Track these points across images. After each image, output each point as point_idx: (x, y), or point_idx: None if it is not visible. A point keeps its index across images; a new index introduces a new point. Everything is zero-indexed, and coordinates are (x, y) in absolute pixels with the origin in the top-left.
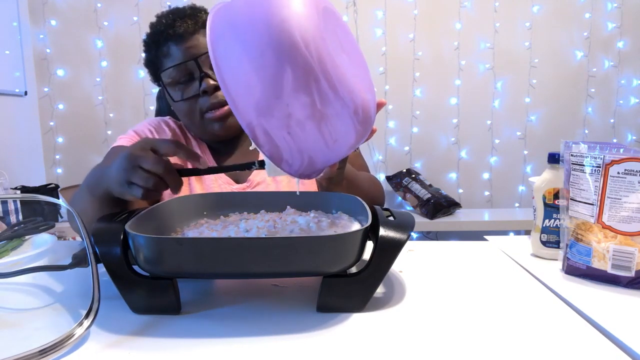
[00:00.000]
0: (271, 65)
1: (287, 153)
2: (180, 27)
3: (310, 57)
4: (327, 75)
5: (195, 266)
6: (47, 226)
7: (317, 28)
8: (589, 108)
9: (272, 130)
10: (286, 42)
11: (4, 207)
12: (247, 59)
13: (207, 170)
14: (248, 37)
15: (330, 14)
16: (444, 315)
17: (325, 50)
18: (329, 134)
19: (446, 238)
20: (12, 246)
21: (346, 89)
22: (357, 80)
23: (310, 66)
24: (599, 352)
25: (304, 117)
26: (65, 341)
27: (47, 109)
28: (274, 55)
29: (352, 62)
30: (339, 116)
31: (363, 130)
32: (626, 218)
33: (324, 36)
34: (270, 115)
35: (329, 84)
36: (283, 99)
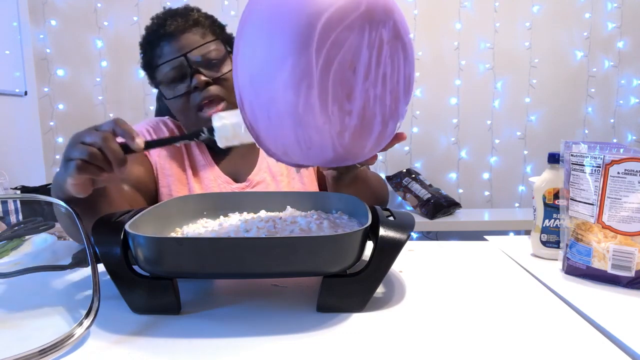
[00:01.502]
0: (280, 47)
1: (264, 134)
2: (171, 25)
3: (315, 62)
4: (323, 88)
5: (195, 266)
6: (47, 226)
7: (346, 34)
8: (589, 108)
9: (256, 105)
10: (303, 35)
11: (4, 207)
12: (267, 25)
13: (151, 143)
14: (279, 9)
15: (386, 30)
16: (444, 315)
17: (338, 62)
18: (303, 139)
19: (446, 238)
20: (12, 246)
21: (339, 108)
22: (369, 106)
23: (310, 71)
24: (599, 352)
25: (284, 112)
26: (65, 341)
27: (47, 109)
28: (288, 40)
29: (382, 86)
30: (319, 130)
31: (346, 154)
32: (626, 218)
33: (349, 46)
34: (259, 91)
35: (320, 96)
36: (274, 84)
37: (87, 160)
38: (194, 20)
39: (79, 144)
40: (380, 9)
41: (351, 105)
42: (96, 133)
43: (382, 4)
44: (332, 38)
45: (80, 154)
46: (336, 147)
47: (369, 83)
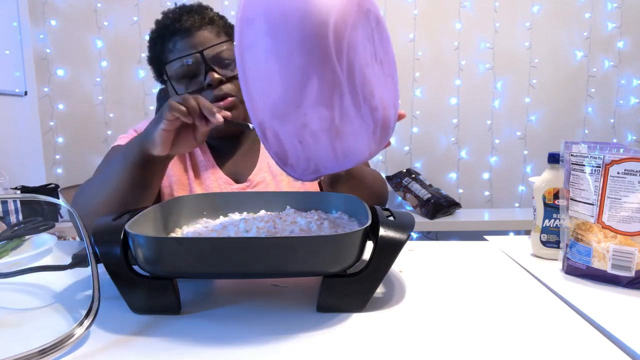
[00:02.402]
0: (298, 70)
1: (294, 158)
2: (187, 21)
3: (341, 69)
4: (353, 92)
5: (195, 266)
6: (47, 226)
7: (354, 33)
8: (589, 108)
9: (284, 135)
10: (319, 47)
11: (4, 207)
12: (274, 54)
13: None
14: (280, 31)
15: (372, 17)
16: (444, 315)
17: (357, 62)
18: (341, 149)
19: (446, 238)
20: (12, 246)
21: (370, 107)
22: (384, 94)
23: (338, 80)
24: (599, 352)
25: (320, 130)
26: (65, 341)
27: (47, 109)
28: (303, 59)
29: (383, 72)
30: (356, 134)
31: (377, 148)
32: (626, 218)
33: (359, 44)
34: (285, 120)
35: (353, 101)
36: (302, 109)
37: (179, 117)
38: (209, 19)
39: (176, 102)
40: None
41: (375, 100)
42: (191, 96)
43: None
44: (346, 40)
45: (175, 111)
46: (370, 145)
47: (377, 73)
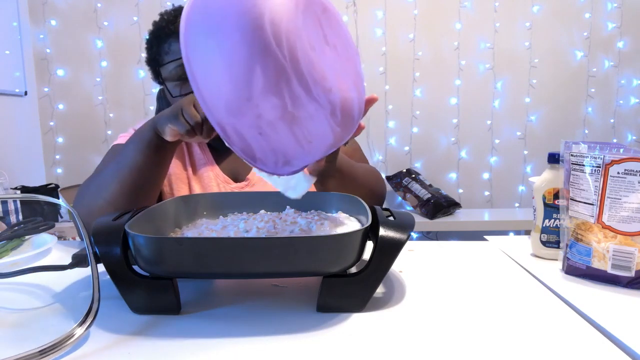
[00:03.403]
0: (241, 64)
1: (260, 152)
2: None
3: (282, 56)
4: (299, 76)
5: (195, 266)
6: (47, 226)
7: (293, 21)
8: (589, 108)
9: (243, 129)
10: (257, 39)
11: (4, 207)
12: (217, 52)
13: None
14: (220, 30)
15: (316, 6)
16: (444, 315)
17: (300, 47)
18: (303, 135)
19: (446, 238)
20: (12, 246)
21: (322, 88)
22: (341, 77)
23: (281, 66)
24: (599, 352)
25: (275, 118)
26: (65, 341)
27: (47, 109)
28: (244, 52)
29: (338, 55)
30: (313, 118)
31: (342, 131)
32: (626, 218)
33: (301, 30)
34: (240, 115)
35: (301, 85)
36: (253, 100)
37: (192, 126)
38: None
39: (193, 107)
40: None
41: (329, 83)
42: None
43: None
44: (283, 29)
45: (191, 119)
46: (333, 127)
47: (330, 56)
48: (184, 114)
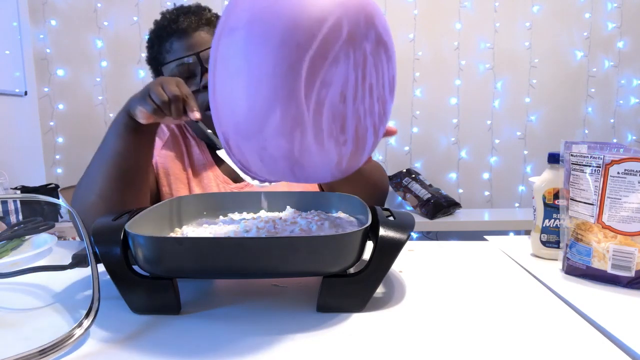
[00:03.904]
0: (264, 99)
1: (256, 170)
2: (184, 22)
3: (307, 108)
4: (317, 130)
5: (195, 266)
6: (47, 226)
7: (333, 72)
8: (589, 108)
9: (246, 149)
10: (288, 81)
11: (4, 207)
12: (244, 76)
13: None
14: (255, 54)
15: (371, 37)
16: (444, 315)
17: (329, 101)
18: (301, 175)
19: (446, 238)
20: (12, 246)
21: (336, 142)
22: (364, 122)
23: (301, 117)
24: (599, 352)
25: (279, 156)
26: (65, 341)
27: (47, 109)
28: (270, 90)
29: (371, 96)
30: (316, 166)
31: (341, 176)
32: (626, 218)
33: (338, 78)
34: (246, 139)
35: (316, 139)
36: (263, 134)
37: (158, 105)
38: (206, 19)
39: (159, 86)
40: (362, 23)
41: (346, 135)
42: (174, 88)
43: (363, 16)
44: (319, 79)
45: (156, 98)
46: (334, 174)
47: (358, 103)
48: (150, 94)
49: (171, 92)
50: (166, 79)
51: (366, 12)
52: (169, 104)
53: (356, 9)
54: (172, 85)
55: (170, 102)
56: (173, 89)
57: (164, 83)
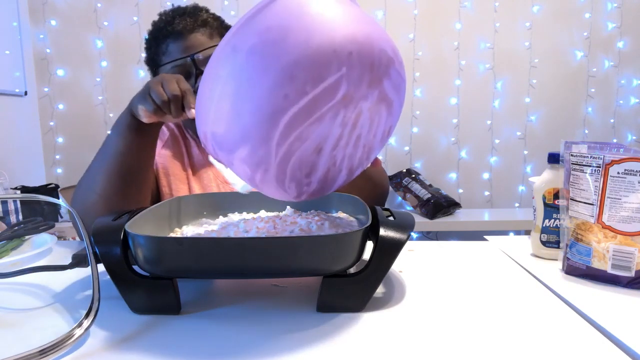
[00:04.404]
0: (241, 127)
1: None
2: (179, 24)
3: (275, 153)
4: (280, 173)
5: (195, 266)
6: (47, 226)
7: (312, 130)
8: (589, 108)
9: (219, 155)
10: (263, 129)
11: (4, 207)
12: (229, 100)
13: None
14: (244, 87)
15: (386, 85)
16: (444, 315)
17: (299, 154)
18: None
19: (446, 238)
20: (12, 246)
21: (297, 184)
22: (339, 166)
23: (268, 159)
24: (599, 352)
25: (242, 176)
26: (65, 341)
27: (47, 109)
28: (248, 124)
29: (356, 145)
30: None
31: (307, 200)
32: (626, 218)
33: (316, 136)
34: (218, 149)
35: (277, 179)
36: (232, 155)
37: (158, 105)
38: (202, 21)
39: (159, 85)
40: (366, 82)
41: (311, 178)
42: (174, 86)
43: (372, 73)
44: (295, 133)
45: (156, 97)
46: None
47: (338, 151)
48: (151, 93)
49: (171, 91)
50: (166, 76)
51: (379, 66)
52: (169, 103)
53: (367, 64)
54: (172, 84)
55: (170, 101)
56: (173, 87)
57: (164, 81)
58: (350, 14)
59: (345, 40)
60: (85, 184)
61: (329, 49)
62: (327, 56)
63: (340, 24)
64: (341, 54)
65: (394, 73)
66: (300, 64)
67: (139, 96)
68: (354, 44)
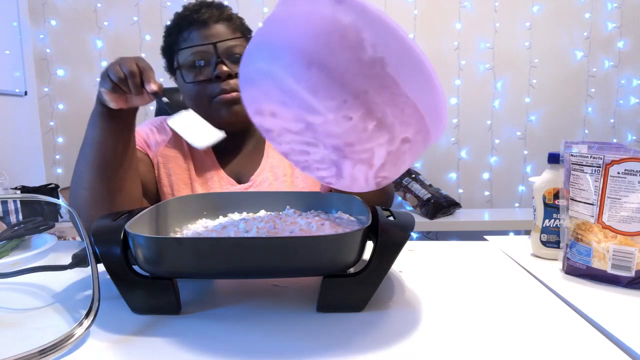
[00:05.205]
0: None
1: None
2: (205, 13)
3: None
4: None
5: (195, 266)
6: (47, 226)
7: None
8: (589, 108)
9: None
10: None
11: (4, 207)
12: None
13: (159, 96)
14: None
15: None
16: (444, 315)
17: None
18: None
19: (446, 238)
20: (12, 246)
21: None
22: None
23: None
24: (599, 352)
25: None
26: (65, 341)
27: (47, 109)
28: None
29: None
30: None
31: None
32: (626, 218)
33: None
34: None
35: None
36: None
37: (115, 82)
38: (227, 15)
39: (117, 66)
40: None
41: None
42: (131, 64)
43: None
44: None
45: (115, 76)
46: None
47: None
48: (108, 72)
49: (127, 68)
50: (124, 57)
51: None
52: (126, 80)
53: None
54: (129, 62)
55: (127, 78)
56: (129, 64)
57: (122, 61)
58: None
59: None
60: (74, 181)
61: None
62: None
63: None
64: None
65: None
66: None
67: (100, 79)
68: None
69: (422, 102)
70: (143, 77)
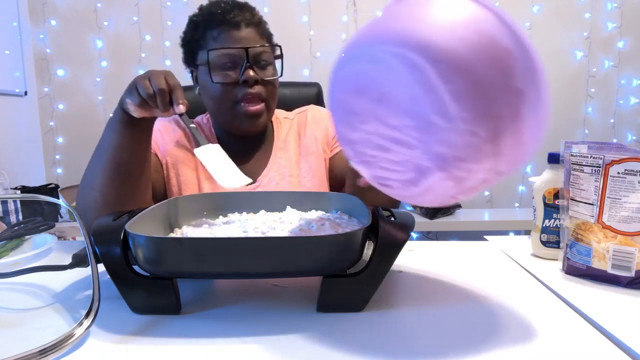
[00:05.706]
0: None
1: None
2: (238, 15)
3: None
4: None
5: (195, 266)
6: (47, 226)
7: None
8: (589, 108)
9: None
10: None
11: (4, 207)
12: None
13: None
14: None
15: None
16: (444, 315)
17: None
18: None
19: (446, 238)
20: (12, 246)
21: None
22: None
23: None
24: (599, 352)
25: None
26: (65, 341)
27: (47, 109)
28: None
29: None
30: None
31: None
32: (626, 218)
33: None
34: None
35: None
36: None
37: (144, 98)
38: (258, 19)
39: (147, 80)
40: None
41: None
42: (161, 81)
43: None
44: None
45: (144, 91)
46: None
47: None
48: (137, 86)
49: (157, 85)
50: (154, 71)
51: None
52: (155, 96)
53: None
54: (159, 78)
55: (156, 95)
56: (159, 81)
57: (152, 76)
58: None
59: None
60: (84, 182)
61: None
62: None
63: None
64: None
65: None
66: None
67: (127, 90)
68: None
69: (530, 146)
70: (172, 95)
